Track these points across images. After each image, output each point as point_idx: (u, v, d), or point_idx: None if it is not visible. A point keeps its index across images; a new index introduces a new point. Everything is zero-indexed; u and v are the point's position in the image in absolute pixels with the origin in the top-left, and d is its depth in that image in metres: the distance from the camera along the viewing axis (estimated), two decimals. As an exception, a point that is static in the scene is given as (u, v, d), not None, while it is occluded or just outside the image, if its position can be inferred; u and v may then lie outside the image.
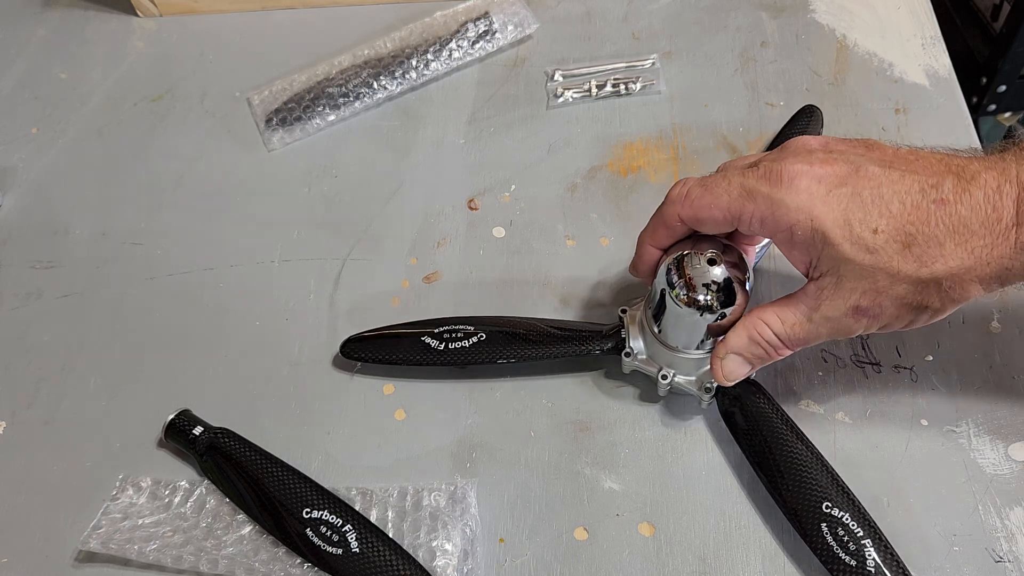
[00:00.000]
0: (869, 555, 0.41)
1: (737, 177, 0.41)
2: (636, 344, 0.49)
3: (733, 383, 0.45)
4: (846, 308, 0.40)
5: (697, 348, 0.46)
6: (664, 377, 0.47)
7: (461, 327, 0.51)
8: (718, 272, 0.43)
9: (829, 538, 0.42)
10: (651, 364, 0.48)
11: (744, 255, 0.44)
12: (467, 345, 0.50)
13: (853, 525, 0.42)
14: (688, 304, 0.43)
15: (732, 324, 0.44)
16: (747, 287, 0.44)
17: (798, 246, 0.40)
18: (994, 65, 1.35)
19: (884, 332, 0.42)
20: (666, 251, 0.46)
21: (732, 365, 0.44)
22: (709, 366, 0.47)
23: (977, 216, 0.37)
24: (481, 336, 0.50)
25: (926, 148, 0.41)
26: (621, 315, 0.50)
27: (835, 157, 0.40)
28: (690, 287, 0.43)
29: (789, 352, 0.43)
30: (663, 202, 0.45)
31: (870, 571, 0.40)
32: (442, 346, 0.50)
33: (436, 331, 0.51)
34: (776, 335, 0.43)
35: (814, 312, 0.41)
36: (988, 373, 0.49)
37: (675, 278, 0.44)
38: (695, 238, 0.45)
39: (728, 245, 0.44)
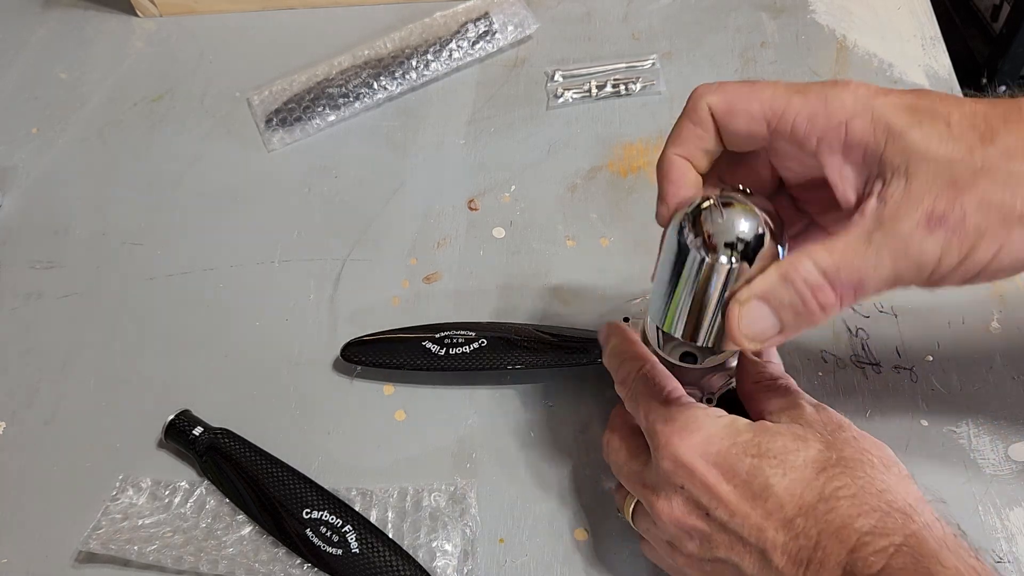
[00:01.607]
0: None
1: (781, 84, 0.34)
2: None
3: (753, 345, 0.34)
4: (920, 216, 0.31)
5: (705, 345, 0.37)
6: None
7: (462, 332, 0.51)
8: (745, 221, 0.33)
9: None
10: None
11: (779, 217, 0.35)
12: (467, 351, 0.50)
13: None
14: (703, 260, 0.34)
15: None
16: (780, 249, 0.34)
17: (853, 149, 0.32)
18: (994, 65, 1.35)
19: (970, 270, 0.32)
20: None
21: (753, 315, 0.33)
22: (710, 375, 0.47)
23: None
24: (482, 342, 0.50)
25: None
26: (624, 320, 0.50)
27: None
28: (708, 245, 0.33)
29: (835, 302, 0.32)
30: (689, 98, 0.36)
31: None
32: (443, 351, 0.50)
33: (437, 336, 0.51)
34: (821, 269, 0.32)
35: (874, 231, 0.32)
36: (988, 374, 0.49)
37: (687, 232, 0.34)
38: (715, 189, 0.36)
39: (758, 199, 0.35)
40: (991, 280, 0.33)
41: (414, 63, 0.68)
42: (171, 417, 0.50)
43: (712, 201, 0.34)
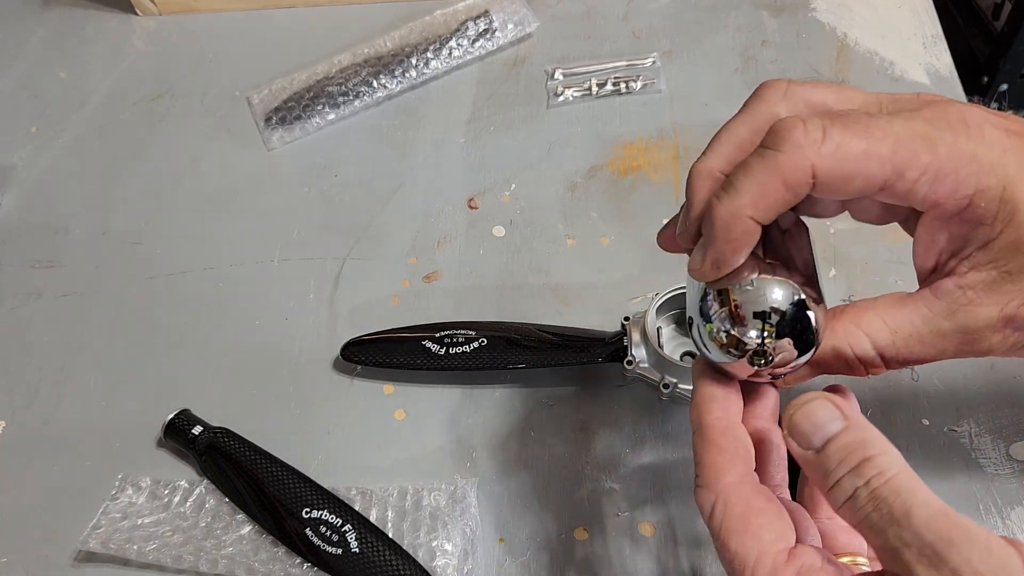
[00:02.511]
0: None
1: (898, 120, 0.27)
2: (638, 353, 0.48)
3: (812, 444, 0.27)
4: (997, 316, 0.29)
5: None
6: (666, 386, 0.47)
7: (462, 332, 0.51)
8: (780, 291, 0.29)
9: None
10: (653, 372, 0.48)
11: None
12: (468, 350, 0.50)
13: None
14: (729, 346, 0.30)
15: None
16: (817, 321, 0.30)
17: (965, 224, 0.28)
18: (995, 64, 1.35)
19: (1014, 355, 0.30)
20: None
21: (814, 409, 0.28)
22: None
23: None
24: (482, 341, 0.50)
25: None
26: (624, 323, 0.50)
27: (1012, 117, 0.29)
28: (735, 318, 0.29)
29: (881, 372, 0.31)
30: (770, 145, 0.27)
31: None
32: (443, 351, 0.50)
33: (437, 335, 0.51)
34: (878, 348, 0.30)
35: (946, 319, 0.29)
36: (989, 373, 0.49)
37: (712, 304, 0.30)
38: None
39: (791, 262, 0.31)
40: None
41: (414, 61, 0.68)
42: (170, 416, 0.50)
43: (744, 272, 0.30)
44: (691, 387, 0.46)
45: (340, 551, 0.44)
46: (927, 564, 0.24)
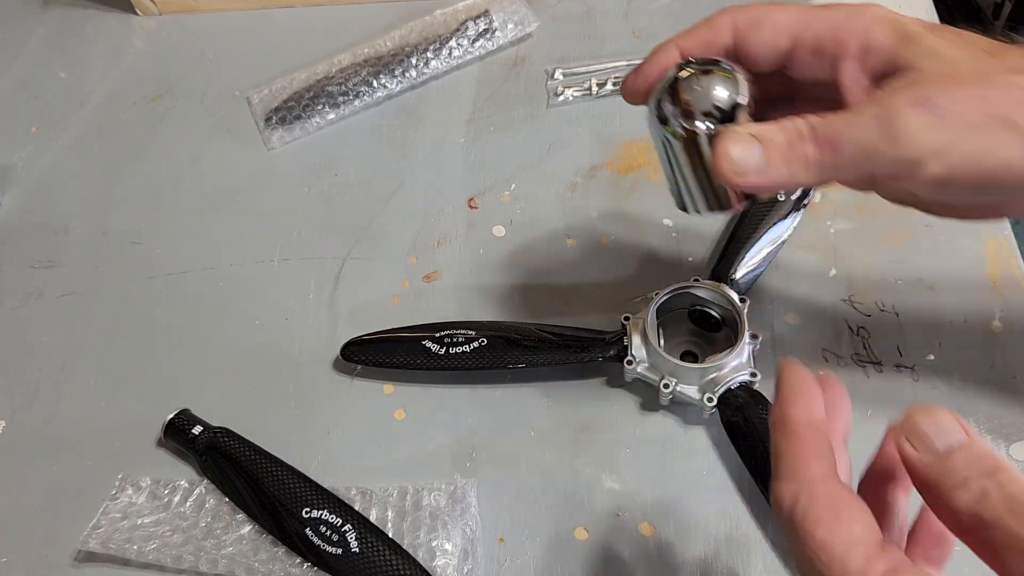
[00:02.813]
0: None
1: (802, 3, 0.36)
2: (638, 352, 0.48)
3: (734, 174, 0.33)
4: (910, 96, 0.32)
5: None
6: (666, 386, 0.47)
7: (462, 331, 0.51)
8: (720, 87, 0.34)
9: None
10: (653, 372, 0.48)
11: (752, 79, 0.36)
12: (468, 350, 0.50)
13: None
14: (687, 133, 0.35)
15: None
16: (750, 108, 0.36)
17: (871, 52, 0.34)
18: (995, 63, 1.34)
19: (937, 165, 0.31)
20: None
21: (744, 144, 0.33)
22: (712, 375, 0.46)
23: None
24: (482, 341, 0.50)
25: None
26: (624, 323, 0.50)
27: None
28: (686, 113, 0.35)
29: (817, 157, 0.33)
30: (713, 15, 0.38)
31: None
32: (443, 350, 0.50)
33: (437, 335, 0.51)
34: (811, 125, 0.33)
35: (866, 104, 0.33)
36: (989, 373, 0.49)
37: (666, 105, 0.35)
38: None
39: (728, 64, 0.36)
40: (962, 199, 0.33)
41: (414, 61, 0.68)
42: (171, 416, 0.50)
43: (685, 72, 0.35)
44: (691, 387, 0.47)
45: (340, 551, 0.44)
46: None
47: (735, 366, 0.47)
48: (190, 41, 0.75)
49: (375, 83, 0.67)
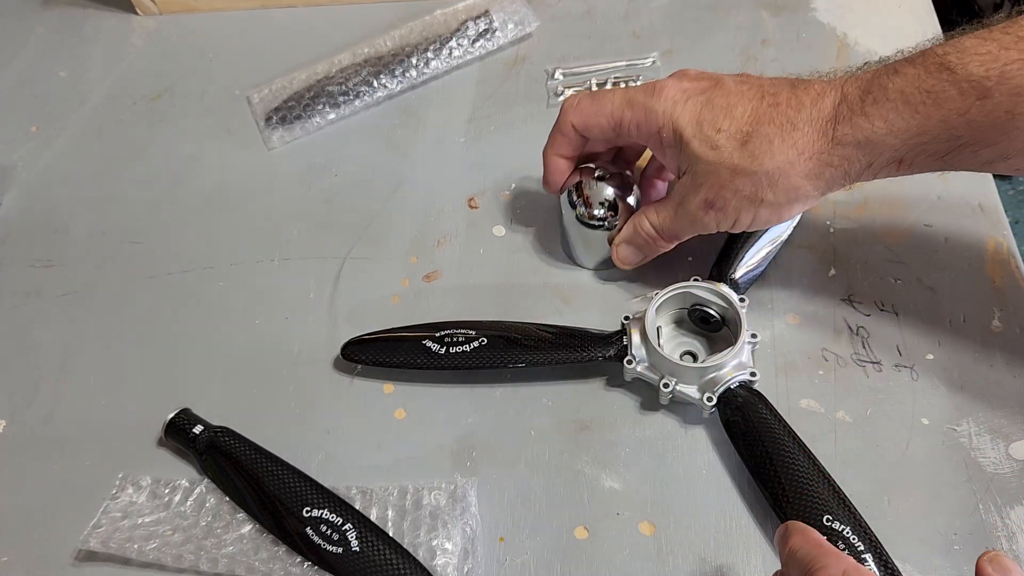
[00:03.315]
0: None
1: (621, 91, 0.48)
2: (638, 352, 0.48)
3: (628, 267, 0.53)
4: (699, 202, 0.46)
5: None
6: (666, 385, 0.47)
7: (462, 331, 0.51)
8: (608, 190, 0.52)
9: None
10: (653, 372, 0.48)
11: (630, 175, 0.54)
12: (468, 350, 0.50)
13: (854, 539, 0.42)
14: (590, 219, 0.52)
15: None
16: (631, 200, 0.52)
17: (667, 149, 0.47)
18: (995, 64, 1.34)
19: (737, 229, 0.47)
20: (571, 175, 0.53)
21: (624, 252, 0.52)
22: (712, 375, 0.47)
23: (801, 115, 0.43)
24: (482, 340, 0.50)
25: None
26: (624, 323, 0.50)
27: (704, 76, 0.48)
28: (587, 205, 0.52)
29: (667, 244, 0.51)
30: (559, 113, 0.51)
31: None
32: (443, 350, 0.50)
33: (437, 335, 0.51)
34: (652, 227, 0.50)
35: (679, 207, 0.48)
36: (989, 372, 0.49)
37: (575, 199, 0.53)
38: (585, 169, 0.53)
39: (614, 171, 0.53)
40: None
41: (414, 61, 0.68)
42: (171, 415, 0.50)
43: (587, 179, 0.53)
44: (691, 386, 0.47)
45: (340, 550, 0.44)
46: None
47: (735, 365, 0.47)
48: (190, 41, 0.74)
49: (375, 83, 0.67)
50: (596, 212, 0.52)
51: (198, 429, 0.49)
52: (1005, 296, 0.52)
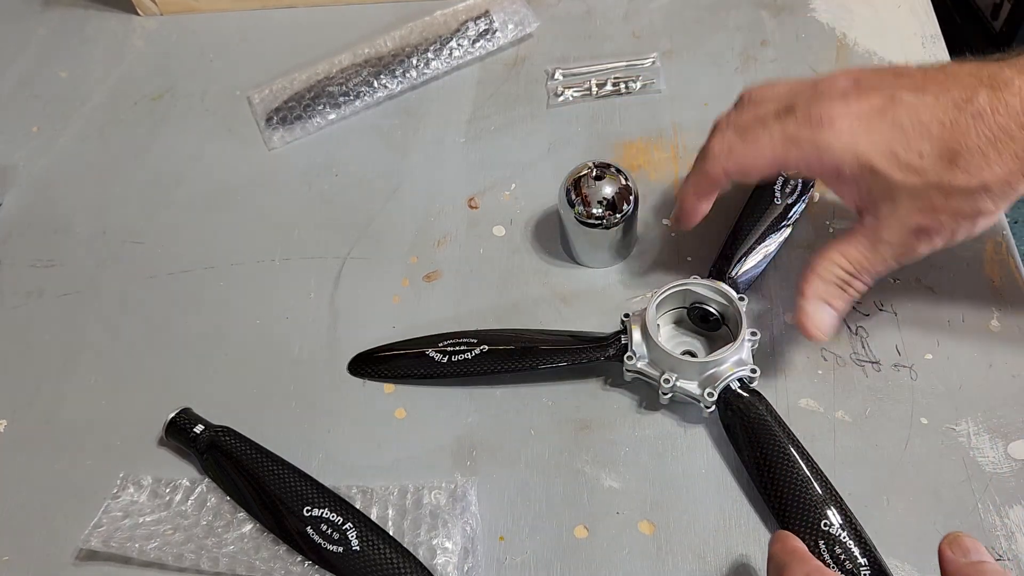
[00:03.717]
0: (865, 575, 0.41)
1: (777, 125, 0.43)
2: (639, 349, 0.49)
3: (828, 335, 0.44)
4: (908, 230, 0.42)
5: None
6: (666, 381, 0.47)
7: (464, 340, 0.51)
8: (607, 188, 0.52)
9: (827, 556, 0.42)
10: (653, 368, 0.48)
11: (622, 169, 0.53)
12: (470, 357, 0.50)
13: (851, 544, 0.42)
14: (588, 218, 0.52)
15: (627, 228, 0.54)
16: (628, 207, 0.52)
17: (847, 182, 0.42)
18: (994, 64, 1.34)
19: (949, 245, 0.42)
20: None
21: (819, 314, 0.44)
22: (712, 371, 0.47)
23: (1016, 121, 0.38)
24: (484, 348, 0.51)
25: (953, 62, 0.42)
26: (624, 320, 0.50)
27: (868, 91, 0.41)
28: (586, 203, 0.52)
29: (864, 287, 0.44)
30: (704, 156, 0.46)
31: None
32: (445, 359, 0.51)
33: (439, 344, 0.52)
34: (850, 267, 0.44)
35: (879, 241, 0.43)
36: (988, 372, 0.49)
37: (574, 198, 0.52)
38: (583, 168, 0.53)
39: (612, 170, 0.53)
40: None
41: (414, 61, 0.68)
42: (172, 415, 0.50)
43: (585, 178, 0.53)
44: (691, 383, 0.47)
45: (341, 549, 0.44)
46: None
47: (735, 361, 0.47)
48: (191, 41, 0.75)
49: (376, 83, 0.67)
50: (595, 211, 0.52)
51: (199, 428, 0.49)
52: (1004, 296, 0.52)
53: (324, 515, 0.45)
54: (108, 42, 0.75)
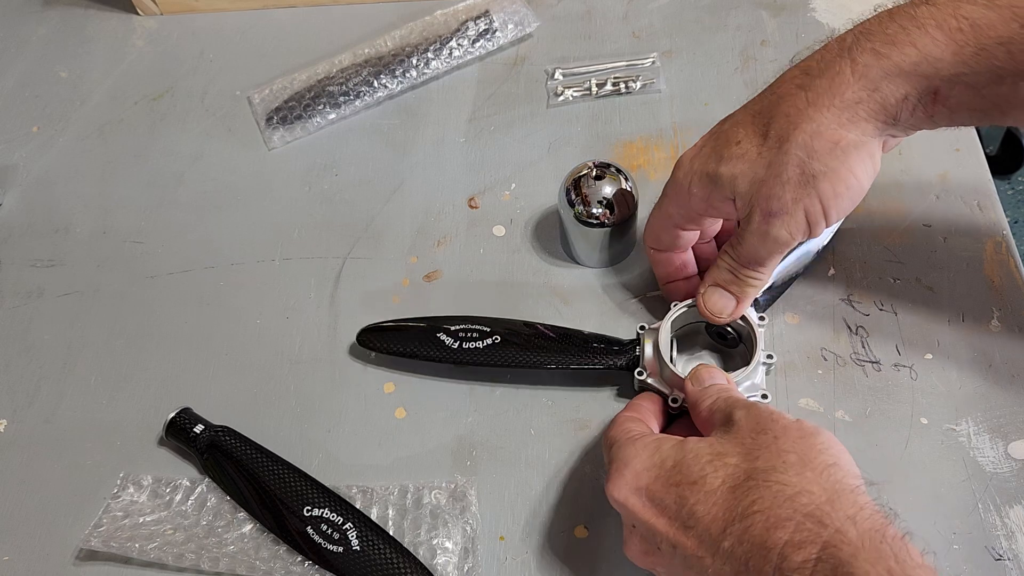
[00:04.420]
0: None
1: (663, 196, 0.50)
2: (650, 365, 0.48)
3: (722, 317, 0.48)
4: (759, 218, 0.43)
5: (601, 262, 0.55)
6: (674, 401, 0.47)
7: (477, 327, 0.51)
8: (607, 188, 0.52)
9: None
10: (662, 385, 0.48)
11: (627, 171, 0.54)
12: (481, 346, 0.50)
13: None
14: (588, 217, 0.52)
15: (626, 228, 0.54)
16: (632, 197, 0.53)
17: (714, 203, 0.46)
18: (994, 64, 1.34)
19: (817, 226, 0.43)
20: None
21: (713, 299, 0.48)
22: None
23: (814, 81, 0.41)
24: (495, 339, 0.50)
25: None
26: (640, 332, 0.50)
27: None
28: (586, 203, 0.52)
29: (753, 272, 0.46)
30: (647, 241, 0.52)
31: None
32: (456, 344, 0.50)
33: (452, 328, 0.51)
34: (730, 259, 0.47)
35: (745, 232, 0.45)
36: (988, 371, 0.49)
37: (574, 197, 0.53)
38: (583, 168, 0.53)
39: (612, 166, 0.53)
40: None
41: (414, 61, 0.68)
42: (172, 415, 0.50)
43: (585, 178, 0.53)
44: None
45: (341, 549, 0.44)
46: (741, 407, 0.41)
47: (747, 387, 0.47)
48: (191, 41, 0.75)
49: (376, 83, 0.67)
50: (594, 211, 0.52)
51: (199, 428, 0.49)
52: (1004, 296, 0.52)
53: (324, 515, 0.45)
54: (108, 42, 0.75)
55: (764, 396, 0.47)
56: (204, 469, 0.49)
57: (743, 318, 0.48)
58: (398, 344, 0.52)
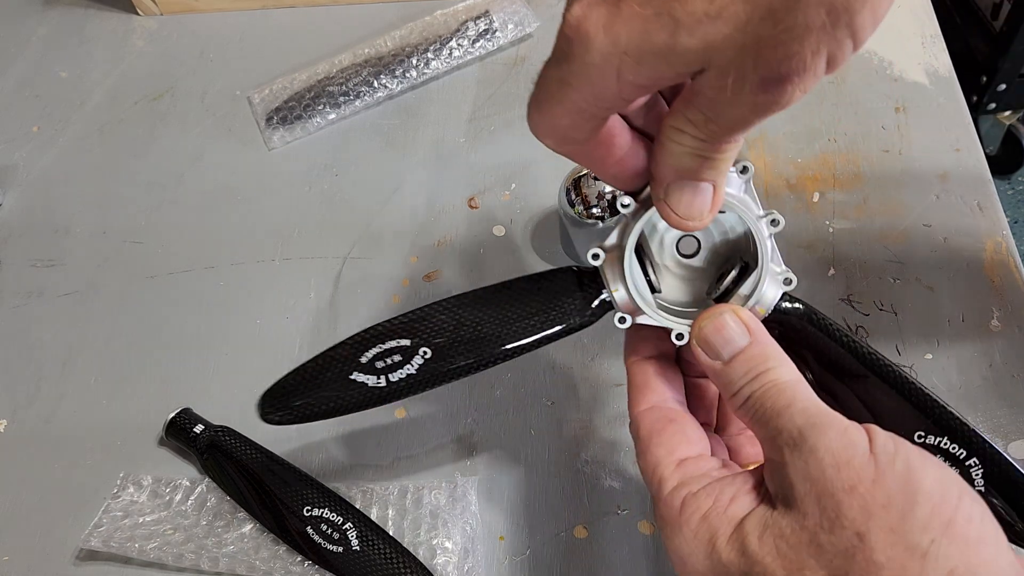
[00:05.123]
0: None
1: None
2: (626, 305, 0.37)
3: (702, 220, 0.32)
4: (757, 83, 0.29)
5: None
6: (680, 337, 0.36)
7: (396, 347, 0.38)
8: (606, 187, 0.51)
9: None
10: (656, 323, 0.36)
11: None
12: (413, 371, 0.37)
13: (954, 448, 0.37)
14: (588, 217, 0.51)
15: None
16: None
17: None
18: (994, 64, 1.35)
19: (835, 65, 0.28)
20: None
21: (684, 195, 0.32)
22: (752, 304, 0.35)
23: None
24: (425, 353, 0.38)
25: None
26: (593, 259, 0.37)
27: None
28: (585, 203, 0.51)
29: (734, 144, 0.31)
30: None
31: None
32: (381, 381, 0.38)
33: (364, 361, 0.38)
34: (705, 133, 0.31)
35: (723, 102, 0.28)
36: (988, 372, 0.49)
37: (574, 197, 0.52)
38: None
39: None
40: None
41: (414, 61, 0.68)
42: (172, 415, 0.50)
43: (585, 177, 0.52)
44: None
45: (341, 549, 0.44)
46: (792, 446, 0.29)
47: (754, 300, 0.35)
48: (191, 41, 0.75)
49: (376, 83, 0.67)
50: (594, 211, 0.52)
51: (199, 428, 0.49)
52: (1004, 296, 0.52)
53: (324, 515, 0.45)
54: (108, 42, 0.75)
55: (787, 281, 0.35)
56: (204, 469, 0.49)
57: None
58: (310, 406, 0.40)
